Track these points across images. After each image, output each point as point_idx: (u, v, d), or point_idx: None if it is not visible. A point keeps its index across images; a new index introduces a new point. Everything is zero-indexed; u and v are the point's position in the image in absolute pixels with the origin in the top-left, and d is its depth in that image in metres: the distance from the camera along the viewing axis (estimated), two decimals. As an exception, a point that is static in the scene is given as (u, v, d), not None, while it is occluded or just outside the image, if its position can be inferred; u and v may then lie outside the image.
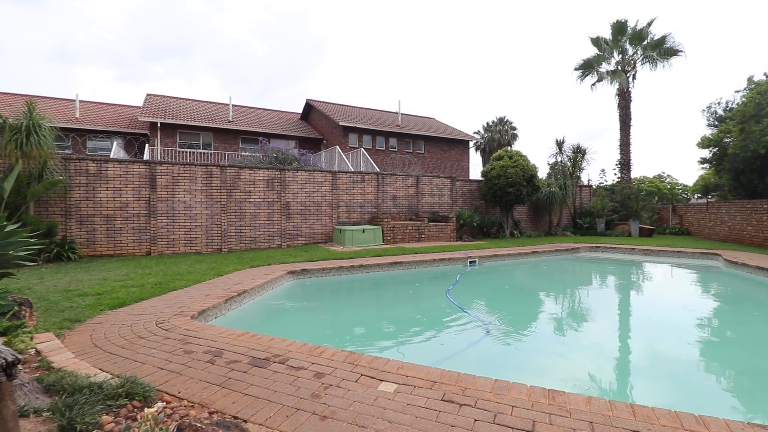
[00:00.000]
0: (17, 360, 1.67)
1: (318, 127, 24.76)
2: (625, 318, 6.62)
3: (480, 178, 16.80)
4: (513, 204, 15.75)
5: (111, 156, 16.20)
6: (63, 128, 17.99)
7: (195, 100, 24.30)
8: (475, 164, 38.11)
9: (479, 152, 40.27)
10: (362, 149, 17.83)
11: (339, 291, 7.83)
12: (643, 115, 66.82)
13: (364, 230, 12.14)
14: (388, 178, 14.25)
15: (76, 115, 19.95)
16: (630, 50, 20.05)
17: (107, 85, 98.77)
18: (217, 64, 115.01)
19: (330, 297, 7.53)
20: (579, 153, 18.37)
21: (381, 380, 2.80)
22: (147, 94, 22.33)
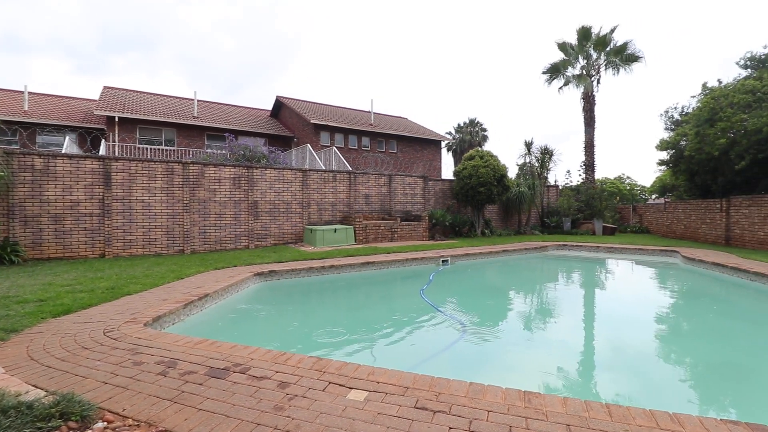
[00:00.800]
0: None
1: (289, 125, 24.17)
2: (590, 314, 6.77)
3: (452, 178, 16.91)
4: (484, 203, 15.94)
5: (63, 151, 15.09)
6: (8, 121, 16.62)
7: (157, 95, 23.09)
8: (447, 164, 38.48)
9: (451, 153, 40.86)
10: (334, 148, 17.52)
11: (309, 293, 7.57)
12: (606, 118, 69.82)
13: (336, 230, 11.89)
14: (361, 177, 14.05)
15: (25, 108, 18.49)
16: (594, 55, 20.79)
17: (63, 78, 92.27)
18: (183, 58, 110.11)
19: (299, 299, 7.26)
20: (546, 154, 18.91)
21: (351, 388, 2.62)
22: (104, 87, 21.01)
